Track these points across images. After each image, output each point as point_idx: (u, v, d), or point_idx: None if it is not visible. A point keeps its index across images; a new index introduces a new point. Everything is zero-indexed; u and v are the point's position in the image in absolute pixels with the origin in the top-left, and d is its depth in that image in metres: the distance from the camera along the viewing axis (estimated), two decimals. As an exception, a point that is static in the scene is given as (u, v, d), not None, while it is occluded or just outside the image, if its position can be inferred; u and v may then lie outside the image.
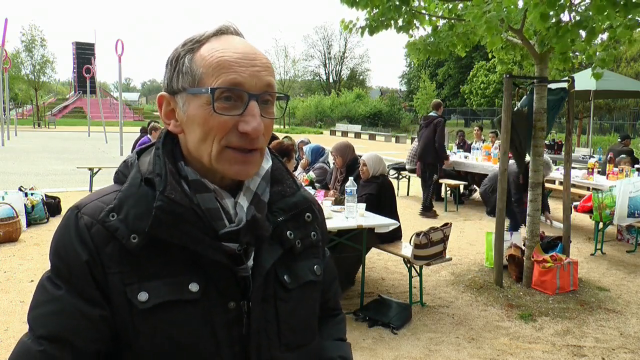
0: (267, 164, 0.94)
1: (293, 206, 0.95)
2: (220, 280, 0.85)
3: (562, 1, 3.63)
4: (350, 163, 5.07)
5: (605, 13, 3.42)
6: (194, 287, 0.83)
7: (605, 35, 4.50)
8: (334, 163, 5.26)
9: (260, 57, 0.85)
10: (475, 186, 9.61)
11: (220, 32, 0.87)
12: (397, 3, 4.35)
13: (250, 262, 0.89)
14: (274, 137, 5.63)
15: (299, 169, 5.96)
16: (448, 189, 8.75)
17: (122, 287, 0.81)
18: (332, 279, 1.14)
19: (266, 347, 0.89)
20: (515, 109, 4.74)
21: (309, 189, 4.90)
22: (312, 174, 5.17)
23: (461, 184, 8.74)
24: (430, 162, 7.82)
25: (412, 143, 10.22)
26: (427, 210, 7.95)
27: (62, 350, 0.79)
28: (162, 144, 0.88)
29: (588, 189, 7.24)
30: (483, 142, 9.79)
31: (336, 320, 1.15)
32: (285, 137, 6.84)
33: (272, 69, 0.87)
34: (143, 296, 0.81)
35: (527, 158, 4.94)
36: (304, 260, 0.97)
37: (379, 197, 4.47)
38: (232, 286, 0.86)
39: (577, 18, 3.78)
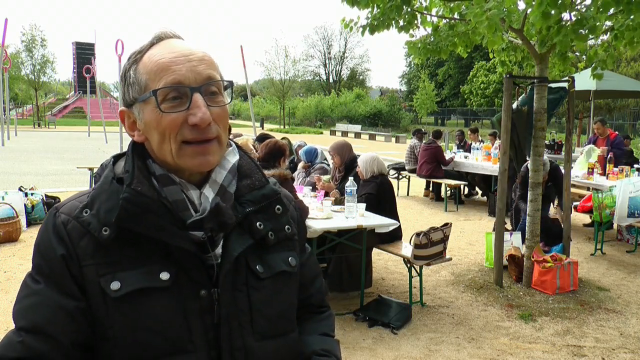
0: (233, 158, 0.99)
1: (261, 198, 0.99)
2: (191, 268, 0.89)
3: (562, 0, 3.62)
4: (348, 162, 5.06)
5: (610, 12, 3.41)
6: (164, 275, 0.87)
7: (606, 37, 4.50)
8: (332, 162, 5.25)
9: (196, 52, 0.90)
10: (477, 189, 9.62)
11: (158, 38, 0.93)
12: (398, 3, 4.35)
13: (219, 251, 0.92)
14: (268, 137, 5.58)
15: (299, 169, 5.96)
16: (448, 189, 8.75)
17: (96, 278, 0.85)
18: (314, 276, 1.16)
19: (238, 334, 0.91)
20: (514, 105, 4.74)
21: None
22: (327, 177, 5.09)
23: (461, 184, 8.74)
24: None
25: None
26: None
27: (40, 340, 0.83)
28: (132, 145, 0.95)
29: (588, 189, 7.23)
30: (482, 143, 9.78)
31: (321, 316, 1.17)
32: (283, 138, 6.82)
33: (211, 61, 0.92)
34: (115, 285, 0.85)
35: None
36: (278, 251, 1.00)
37: (379, 197, 4.47)
38: (202, 274, 0.90)
39: (578, 17, 3.77)
